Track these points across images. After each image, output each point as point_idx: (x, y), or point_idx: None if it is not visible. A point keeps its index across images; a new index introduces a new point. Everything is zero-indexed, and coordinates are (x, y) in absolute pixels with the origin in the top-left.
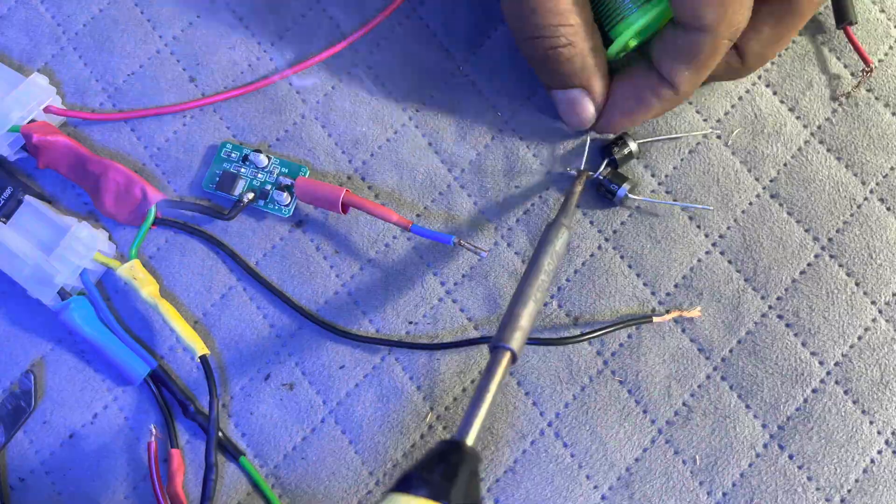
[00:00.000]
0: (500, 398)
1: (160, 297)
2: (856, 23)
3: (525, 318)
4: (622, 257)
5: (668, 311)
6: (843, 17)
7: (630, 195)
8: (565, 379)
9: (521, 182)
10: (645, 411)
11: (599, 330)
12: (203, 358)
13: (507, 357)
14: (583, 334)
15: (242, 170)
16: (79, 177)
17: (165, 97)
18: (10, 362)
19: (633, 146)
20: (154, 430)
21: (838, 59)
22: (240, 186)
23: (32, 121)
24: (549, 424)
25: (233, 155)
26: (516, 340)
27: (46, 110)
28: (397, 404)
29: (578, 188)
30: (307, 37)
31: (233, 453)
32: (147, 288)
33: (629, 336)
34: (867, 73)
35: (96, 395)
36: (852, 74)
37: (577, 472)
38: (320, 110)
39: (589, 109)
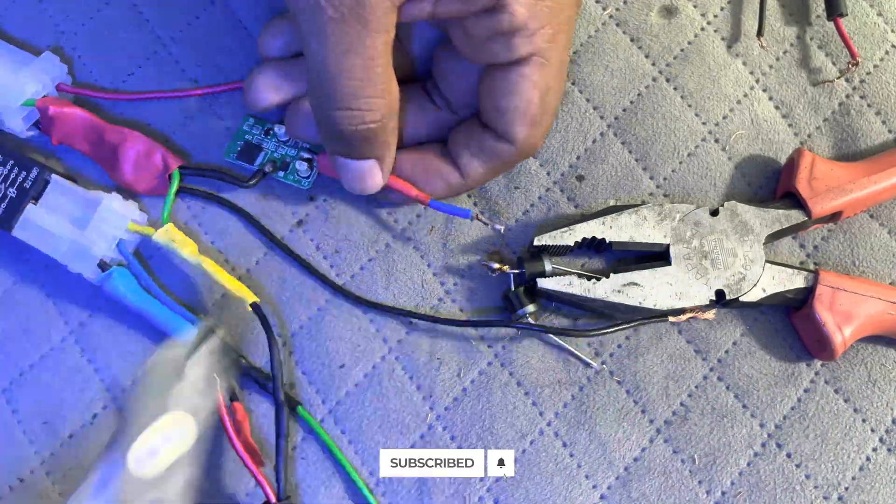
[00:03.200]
0: (500, 398)
1: (202, 256)
2: (846, 14)
3: None
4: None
5: (683, 312)
6: (835, 8)
7: (529, 319)
8: (564, 379)
9: (521, 182)
10: (643, 411)
11: (621, 325)
12: (255, 305)
13: None
14: (604, 328)
15: (264, 142)
16: (95, 149)
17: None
18: (7, 362)
19: (548, 266)
20: (218, 380)
21: (834, 64)
22: (260, 157)
23: (45, 97)
24: (549, 424)
25: (255, 129)
26: None
27: (58, 88)
28: (397, 404)
29: None
30: None
31: (289, 404)
32: (187, 248)
33: (627, 337)
34: (853, 65)
35: (96, 395)
36: (847, 81)
37: (576, 471)
38: None
39: (378, 178)
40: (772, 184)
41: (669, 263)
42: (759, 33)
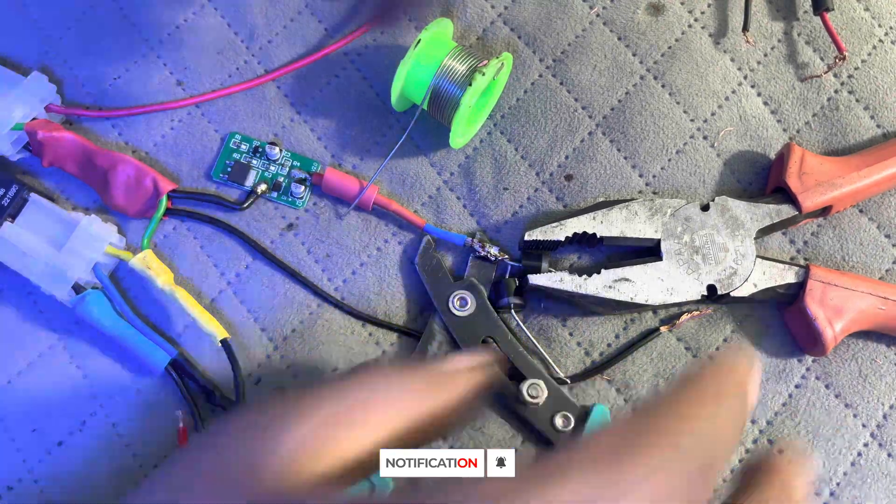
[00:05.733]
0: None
1: (176, 286)
2: (832, 9)
3: None
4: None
5: (677, 319)
6: (821, 3)
7: (513, 312)
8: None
9: (510, 183)
10: (634, 410)
11: (617, 357)
12: (224, 342)
13: None
14: (603, 365)
15: (254, 161)
16: (85, 173)
17: (153, 100)
18: None
19: (544, 264)
20: (182, 416)
21: (821, 59)
22: (251, 177)
23: (34, 119)
24: None
25: (242, 146)
26: None
27: (47, 109)
28: None
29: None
30: (295, 41)
31: None
32: (162, 277)
33: (616, 336)
34: (840, 59)
35: (84, 402)
36: (835, 76)
37: None
38: (308, 114)
39: None
40: (761, 180)
41: (661, 259)
42: (745, 28)
